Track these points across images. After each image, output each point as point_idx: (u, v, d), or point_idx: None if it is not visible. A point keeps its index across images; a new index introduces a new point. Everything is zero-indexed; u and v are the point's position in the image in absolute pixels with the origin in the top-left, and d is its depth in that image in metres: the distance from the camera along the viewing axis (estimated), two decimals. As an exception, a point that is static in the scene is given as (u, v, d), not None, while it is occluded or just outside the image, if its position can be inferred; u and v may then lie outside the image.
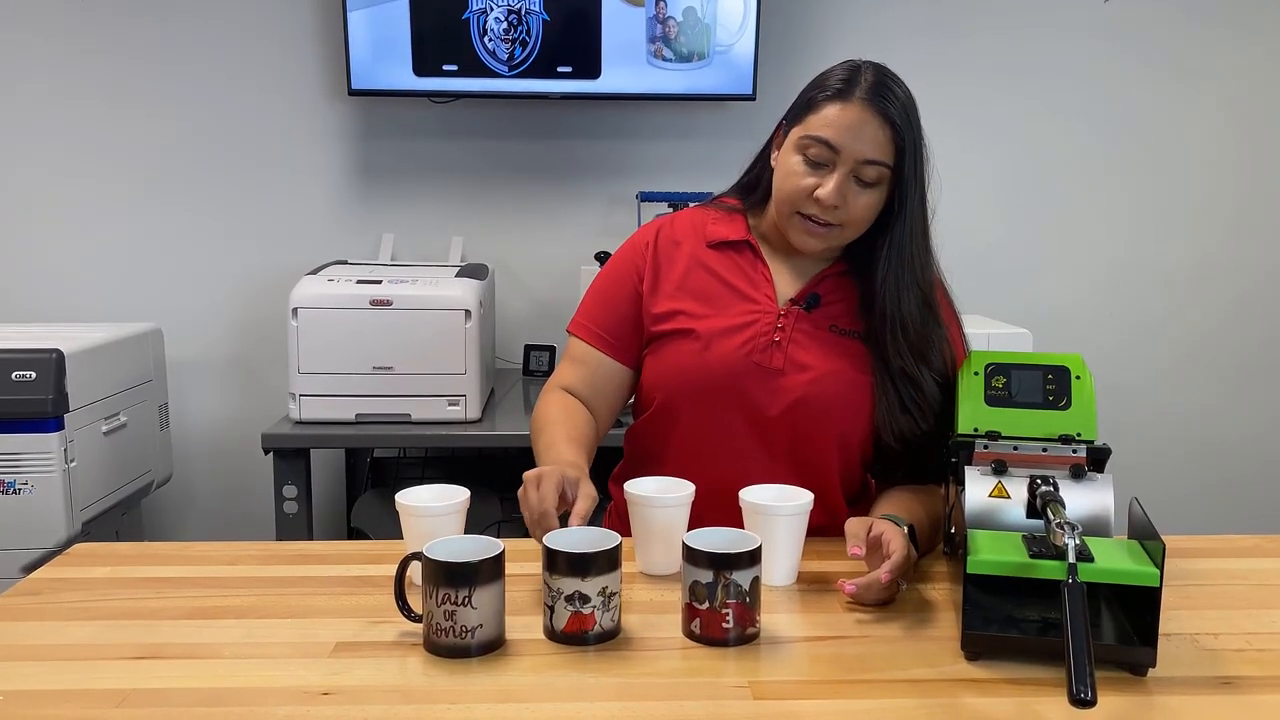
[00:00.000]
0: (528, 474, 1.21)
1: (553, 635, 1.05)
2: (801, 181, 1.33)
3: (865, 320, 1.39)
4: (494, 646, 1.03)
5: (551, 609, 1.05)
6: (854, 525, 1.20)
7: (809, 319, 1.41)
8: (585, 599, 1.03)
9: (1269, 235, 2.91)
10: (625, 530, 1.46)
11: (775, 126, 1.43)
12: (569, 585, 1.03)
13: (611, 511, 1.56)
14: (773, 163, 1.42)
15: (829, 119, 1.31)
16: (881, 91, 1.31)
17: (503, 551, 1.04)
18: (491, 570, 1.02)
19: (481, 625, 1.02)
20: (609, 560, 1.05)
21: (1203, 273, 2.91)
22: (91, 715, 0.91)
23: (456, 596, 1.01)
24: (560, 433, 1.36)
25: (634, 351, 1.47)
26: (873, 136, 1.30)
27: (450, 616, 1.01)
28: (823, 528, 1.32)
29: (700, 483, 1.29)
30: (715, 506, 1.27)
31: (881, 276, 1.36)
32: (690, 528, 1.18)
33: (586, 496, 1.19)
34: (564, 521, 1.17)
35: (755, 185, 1.48)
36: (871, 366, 1.38)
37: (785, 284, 1.43)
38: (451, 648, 1.02)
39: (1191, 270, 2.91)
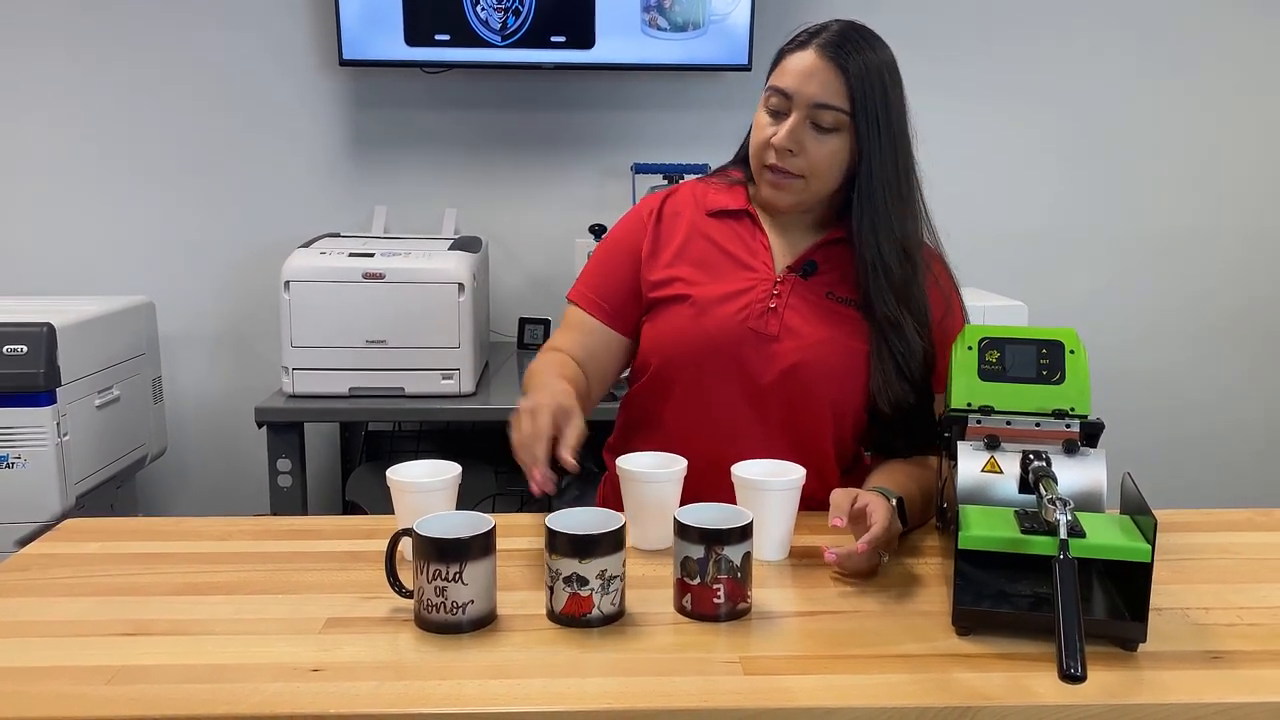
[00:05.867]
0: (524, 403, 1.19)
1: (553, 616, 1.05)
2: (763, 133, 1.37)
3: (859, 287, 1.40)
4: (485, 622, 1.03)
5: (551, 590, 1.05)
6: (838, 496, 1.20)
7: (805, 286, 1.41)
8: (584, 581, 1.03)
9: None
10: (618, 499, 1.47)
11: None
12: (568, 566, 1.03)
13: (605, 481, 1.56)
14: None
15: (785, 68, 1.36)
16: (839, 42, 1.34)
17: (494, 527, 1.03)
18: (482, 546, 1.02)
19: (473, 601, 1.02)
20: (613, 542, 1.04)
21: (1206, 244, 2.90)
22: (80, 692, 0.90)
23: (447, 572, 1.00)
24: (551, 371, 1.37)
25: (631, 321, 1.47)
26: (824, 81, 1.32)
27: (441, 593, 1.01)
28: (816, 497, 1.32)
29: (694, 449, 1.30)
30: (709, 473, 1.27)
31: (855, 224, 1.37)
32: (684, 495, 1.18)
33: (576, 429, 1.18)
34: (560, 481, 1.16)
35: (748, 157, 1.48)
36: (868, 334, 1.39)
37: (783, 252, 1.44)
38: (442, 624, 1.02)
39: (1194, 242, 2.90)
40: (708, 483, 1.24)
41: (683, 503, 1.16)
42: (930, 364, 1.38)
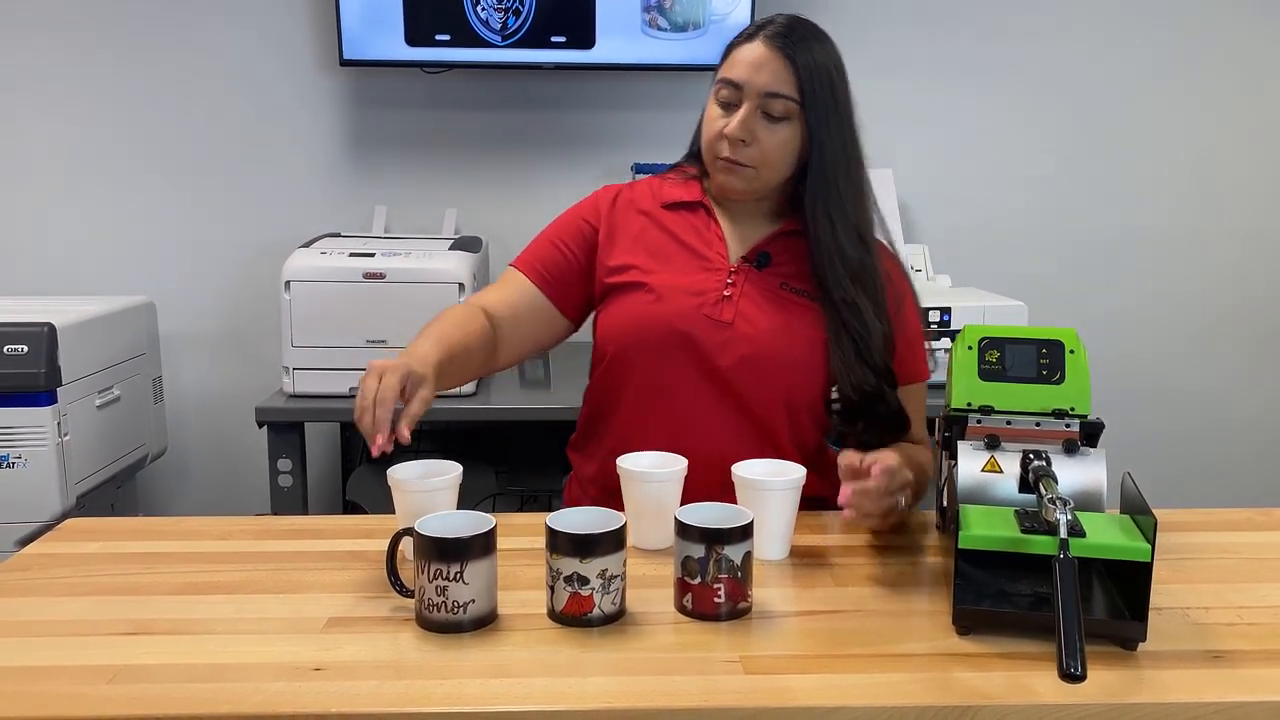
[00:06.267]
0: (373, 362, 1.18)
1: (554, 616, 1.05)
2: (715, 124, 1.39)
3: (815, 275, 1.41)
4: (486, 622, 1.03)
5: (552, 589, 1.05)
6: (848, 454, 1.21)
7: (760, 276, 1.43)
8: (585, 580, 1.03)
9: None
10: (585, 497, 1.48)
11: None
12: (569, 566, 1.03)
13: (572, 480, 1.56)
14: None
15: (735, 60, 1.39)
16: (786, 33, 1.37)
17: (494, 527, 1.03)
18: (483, 546, 1.02)
19: (474, 600, 1.02)
20: (614, 541, 1.03)
21: (1206, 245, 2.90)
22: (82, 691, 0.91)
23: (448, 572, 1.00)
24: (434, 330, 1.34)
25: (570, 298, 1.49)
26: (774, 70, 1.35)
27: (442, 592, 1.01)
28: None
29: (652, 436, 1.33)
30: None
31: (809, 209, 1.40)
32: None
33: (421, 400, 1.18)
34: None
35: (700, 152, 1.49)
36: (824, 324, 1.40)
37: (737, 243, 1.46)
38: (443, 623, 1.02)
39: (1194, 242, 2.90)
40: None
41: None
42: (890, 349, 1.40)
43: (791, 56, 1.35)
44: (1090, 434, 1.15)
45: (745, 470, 1.23)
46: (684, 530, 1.06)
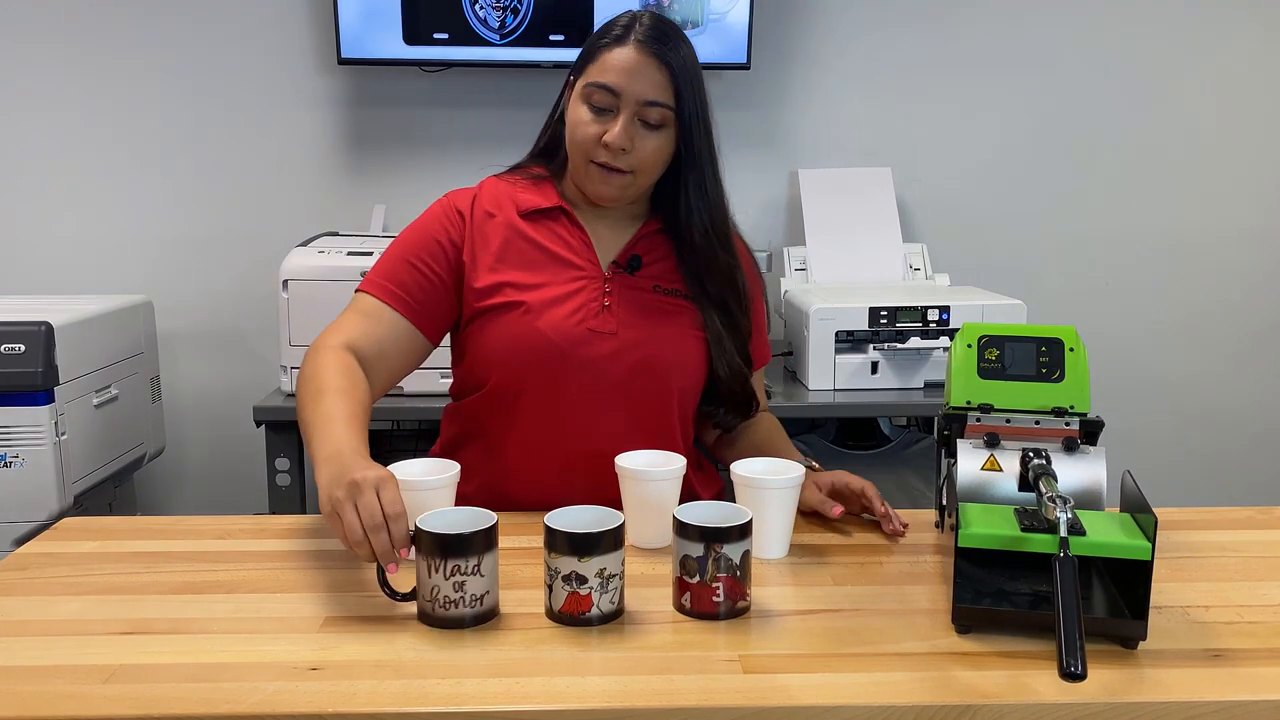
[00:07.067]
0: (362, 475, 1.05)
1: (552, 615, 1.05)
2: (589, 129, 1.36)
3: (685, 274, 1.43)
4: (495, 614, 1.04)
5: (550, 588, 1.04)
6: (813, 496, 1.30)
7: (633, 281, 1.43)
8: (583, 579, 1.02)
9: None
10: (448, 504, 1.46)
11: (563, 85, 1.44)
12: (567, 565, 1.02)
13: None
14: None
15: (607, 64, 1.34)
16: (659, 37, 1.35)
17: (496, 521, 1.04)
18: (493, 539, 1.03)
19: (488, 592, 1.03)
20: (612, 540, 1.03)
21: (1204, 243, 2.90)
22: (78, 691, 0.90)
23: (465, 566, 1.01)
24: (342, 408, 1.21)
25: (432, 317, 1.41)
26: (651, 78, 1.33)
27: (460, 588, 1.01)
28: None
29: (548, 456, 1.33)
30: (566, 478, 1.31)
31: (685, 214, 1.40)
32: (546, 500, 1.18)
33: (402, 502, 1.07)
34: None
35: (555, 149, 1.48)
36: (700, 322, 1.43)
37: (604, 247, 1.44)
38: (459, 618, 1.02)
39: (1192, 240, 2.90)
40: (566, 485, 1.27)
41: (550, 506, 1.10)
42: (749, 338, 1.46)
43: (667, 62, 1.33)
44: (1090, 432, 1.15)
45: (744, 469, 1.23)
46: (682, 529, 1.06)
